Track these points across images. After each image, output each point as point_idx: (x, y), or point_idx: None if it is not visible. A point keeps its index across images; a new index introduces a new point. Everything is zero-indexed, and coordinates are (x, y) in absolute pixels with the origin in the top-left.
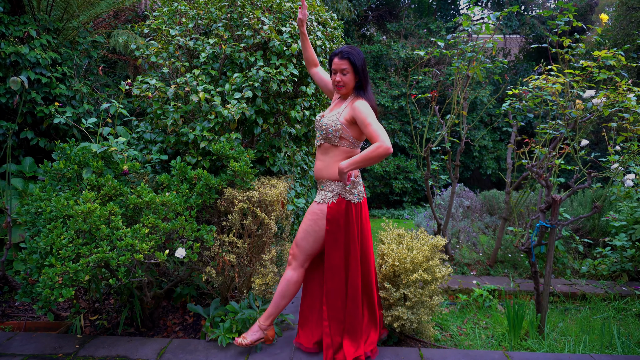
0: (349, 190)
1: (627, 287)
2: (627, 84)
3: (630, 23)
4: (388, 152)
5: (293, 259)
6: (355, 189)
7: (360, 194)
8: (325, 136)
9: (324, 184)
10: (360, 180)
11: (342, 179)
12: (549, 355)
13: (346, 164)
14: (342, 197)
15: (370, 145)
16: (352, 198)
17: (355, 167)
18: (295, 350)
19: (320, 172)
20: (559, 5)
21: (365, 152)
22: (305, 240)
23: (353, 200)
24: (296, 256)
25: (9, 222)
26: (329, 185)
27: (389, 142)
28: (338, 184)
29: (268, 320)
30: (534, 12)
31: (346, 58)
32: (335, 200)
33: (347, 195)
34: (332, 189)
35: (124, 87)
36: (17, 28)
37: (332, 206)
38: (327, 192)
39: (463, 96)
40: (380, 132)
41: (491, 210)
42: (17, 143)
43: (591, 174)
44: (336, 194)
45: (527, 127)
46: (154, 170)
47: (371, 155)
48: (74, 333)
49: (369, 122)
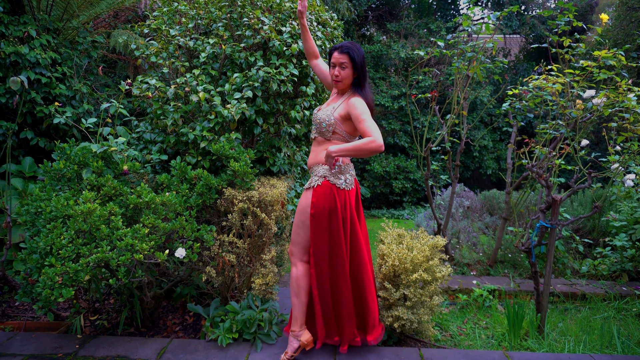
0: (335, 175)
1: (627, 287)
2: (627, 84)
3: (631, 23)
4: (380, 149)
5: (292, 256)
6: (343, 175)
7: (348, 182)
8: (319, 130)
9: (313, 170)
10: (352, 170)
11: (327, 162)
12: (549, 355)
13: (335, 149)
14: (328, 180)
15: (364, 138)
16: (337, 183)
17: (344, 154)
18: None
19: (312, 159)
20: (559, 5)
21: (358, 142)
22: (297, 234)
23: (339, 186)
24: (293, 252)
25: (9, 222)
26: (316, 169)
27: (382, 140)
28: (324, 167)
29: (296, 325)
30: (534, 12)
31: (346, 53)
32: (320, 183)
33: (333, 179)
34: (317, 172)
35: (124, 87)
36: (17, 28)
37: (316, 189)
38: (314, 176)
39: (463, 96)
40: (373, 129)
41: (491, 210)
42: (17, 143)
43: (591, 174)
44: (321, 176)
45: (527, 127)
46: (154, 170)
47: (363, 147)
48: (74, 333)
49: (363, 119)
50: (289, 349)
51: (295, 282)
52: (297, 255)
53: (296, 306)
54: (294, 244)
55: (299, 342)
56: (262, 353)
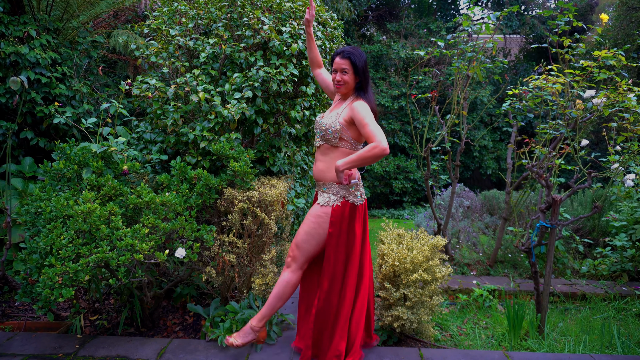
0: (352, 193)
1: (627, 287)
2: (627, 84)
3: (631, 23)
4: (384, 152)
5: (292, 261)
6: (358, 191)
7: (362, 195)
8: (324, 137)
9: (327, 187)
10: (361, 181)
11: (338, 178)
12: (549, 355)
13: (342, 163)
14: (347, 199)
15: (367, 145)
16: (355, 200)
17: (351, 165)
18: (295, 353)
19: (322, 173)
20: (559, 5)
21: (361, 151)
22: (308, 243)
23: (356, 203)
24: (296, 258)
25: (8, 222)
26: (332, 187)
27: (386, 143)
28: (342, 187)
29: (261, 322)
30: (534, 12)
31: (347, 58)
32: (340, 203)
33: (351, 197)
34: (336, 192)
35: (124, 87)
36: (17, 28)
37: (336, 209)
38: (331, 194)
39: (463, 96)
40: (377, 133)
41: (491, 210)
42: (17, 143)
43: (591, 174)
44: (340, 196)
45: (527, 127)
46: (154, 170)
47: (367, 155)
48: (74, 333)
49: (366, 123)
50: (242, 339)
51: (284, 287)
52: (298, 262)
53: (271, 306)
54: (300, 250)
55: (256, 337)
56: (262, 353)
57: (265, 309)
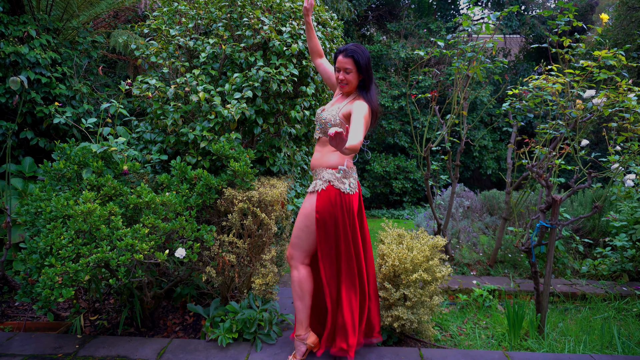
0: (340, 179)
1: (627, 287)
2: (627, 83)
3: (631, 23)
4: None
5: (291, 259)
6: (347, 180)
7: (352, 186)
8: (323, 130)
9: (317, 172)
10: (355, 174)
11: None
12: (549, 355)
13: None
14: (332, 184)
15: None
16: (342, 187)
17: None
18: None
19: (316, 161)
20: (559, 5)
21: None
22: (299, 238)
23: (343, 190)
24: (293, 256)
25: (8, 222)
26: (321, 172)
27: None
28: (329, 172)
29: (302, 329)
30: (534, 12)
31: (350, 56)
32: (325, 187)
33: (337, 183)
34: (322, 176)
35: (124, 87)
36: (16, 28)
37: (321, 193)
38: (318, 179)
39: (463, 96)
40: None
41: (491, 210)
42: (17, 143)
43: (591, 174)
44: (326, 181)
45: (527, 127)
46: (154, 170)
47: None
48: (74, 333)
49: (354, 120)
50: (298, 354)
51: (299, 285)
52: (298, 259)
53: (300, 310)
54: (295, 247)
55: (306, 346)
56: (262, 353)
57: (297, 314)
